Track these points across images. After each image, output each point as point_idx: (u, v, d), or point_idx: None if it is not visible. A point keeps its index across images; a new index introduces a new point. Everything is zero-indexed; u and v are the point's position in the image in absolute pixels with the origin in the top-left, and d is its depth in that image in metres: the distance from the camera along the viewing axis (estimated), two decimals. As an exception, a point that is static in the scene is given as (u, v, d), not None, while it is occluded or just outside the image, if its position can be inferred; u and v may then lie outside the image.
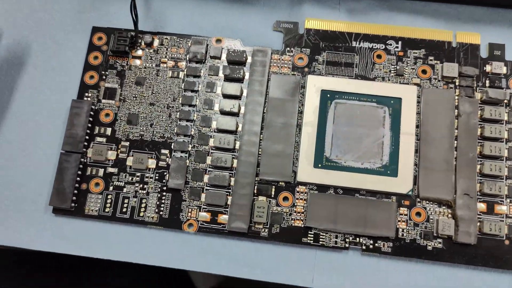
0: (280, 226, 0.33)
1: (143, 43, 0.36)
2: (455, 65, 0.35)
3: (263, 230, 0.33)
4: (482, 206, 0.33)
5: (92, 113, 0.35)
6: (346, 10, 0.38)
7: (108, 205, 0.33)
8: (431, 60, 0.35)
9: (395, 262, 0.33)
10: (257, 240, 0.33)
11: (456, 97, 0.34)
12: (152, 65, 0.36)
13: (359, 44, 0.36)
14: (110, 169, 0.34)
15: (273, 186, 0.33)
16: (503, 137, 0.34)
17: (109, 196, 0.34)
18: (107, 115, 0.35)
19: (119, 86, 0.36)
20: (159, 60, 0.36)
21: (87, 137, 0.35)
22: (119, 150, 0.34)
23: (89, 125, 0.35)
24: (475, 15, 0.37)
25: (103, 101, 0.36)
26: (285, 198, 0.33)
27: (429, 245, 0.32)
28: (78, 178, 0.34)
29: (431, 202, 0.33)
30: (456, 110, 0.34)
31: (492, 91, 0.34)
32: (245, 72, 0.36)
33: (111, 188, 0.34)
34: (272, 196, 0.33)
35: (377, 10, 0.37)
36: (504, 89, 0.35)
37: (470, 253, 0.32)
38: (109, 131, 0.35)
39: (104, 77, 0.36)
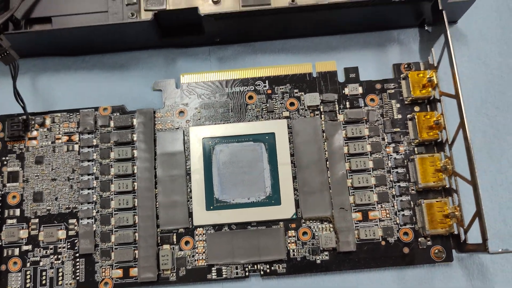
0: (186, 268, 0.36)
1: (36, 124, 0.39)
2: (316, 94, 0.39)
3: (171, 275, 0.36)
4: (357, 216, 0.37)
5: (-1, 198, 0.39)
6: (216, 60, 0.41)
7: (28, 280, 0.36)
8: (296, 92, 0.39)
9: (291, 280, 0.37)
10: (167, 285, 0.36)
11: (322, 122, 0.39)
12: (48, 143, 0.39)
13: (231, 89, 0.40)
14: (25, 247, 0.37)
15: (174, 234, 0.37)
16: (367, 151, 0.38)
17: (28, 272, 0.37)
18: (13, 197, 0.38)
19: (21, 168, 0.39)
20: (53, 137, 0.39)
21: (-2, 222, 0.38)
22: (30, 228, 0.37)
23: (-2, 210, 0.38)
24: (330, 44, 0.41)
25: (8, 184, 0.38)
26: (187, 242, 0.37)
27: (318, 259, 0.36)
28: (-4, 262, 0.37)
29: (314, 221, 0.37)
30: (323, 134, 0.38)
31: (351, 112, 0.38)
32: (133, 134, 0.39)
33: (28, 264, 0.37)
34: (175, 242, 0.37)
35: (243, 55, 0.41)
36: (362, 107, 0.39)
37: (353, 259, 0.36)
38: (18, 211, 0.38)
39: (5, 163, 0.39)
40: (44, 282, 0.36)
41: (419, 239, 0.36)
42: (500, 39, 0.41)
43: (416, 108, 0.39)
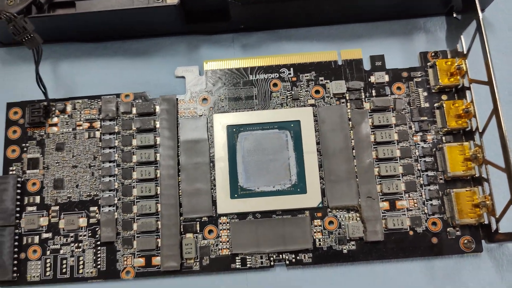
0: (209, 258, 0.36)
1: (57, 111, 0.39)
2: (342, 81, 0.38)
3: (194, 264, 0.36)
4: (385, 205, 0.36)
5: (19, 185, 0.37)
6: (239, 47, 0.41)
7: (48, 269, 0.36)
8: (321, 80, 0.39)
9: (317, 270, 0.36)
10: (191, 274, 0.36)
11: (348, 110, 0.38)
12: (69, 130, 0.38)
13: (255, 76, 0.39)
14: (45, 235, 0.36)
15: (197, 222, 0.36)
16: (394, 139, 0.37)
17: (48, 260, 0.36)
18: (33, 184, 0.37)
19: (41, 155, 0.38)
20: (74, 124, 0.39)
21: (18, 209, 0.37)
22: (50, 216, 0.37)
23: (18, 197, 0.37)
24: (355, 32, 0.41)
25: (28, 171, 0.38)
26: (210, 231, 0.36)
27: (344, 249, 0.36)
28: (15, 249, 0.36)
29: (340, 210, 0.36)
30: (349, 122, 0.38)
31: (378, 99, 0.38)
32: (156, 121, 0.38)
33: (48, 252, 0.36)
34: (198, 231, 0.36)
35: (267, 42, 0.41)
36: (389, 95, 0.38)
37: (381, 249, 0.36)
38: (38, 199, 0.37)
39: (25, 149, 0.38)
40: (64, 270, 0.36)
41: (448, 229, 0.35)
42: (527, 28, 0.41)
43: (444, 97, 0.38)
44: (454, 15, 0.39)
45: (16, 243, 0.36)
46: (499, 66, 0.40)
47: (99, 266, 0.36)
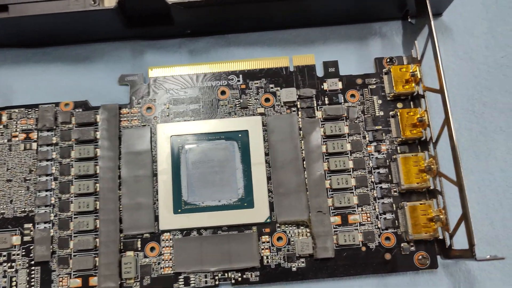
0: (151, 277, 0.33)
1: (-9, 121, 0.37)
2: (292, 89, 0.37)
3: (134, 284, 0.33)
4: (336, 219, 0.35)
5: None
6: (187, 52, 0.39)
7: (-23, 291, 0.34)
8: (272, 87, 0.37)
9: (265, 289, 0.35)
10: (130, 295, 0.34)
11: (299, 119, 0.36)
12: (4, 141, 0.36)
13: (202, 84, 0.37)
14: (-25, 254, 0.35)
15: (139, 239, 0.34)
16: (347, 150, 0.36)
17: (-22, 282, 0.34)
18: (-36, 200, 0.36)
19: (-27, 168, 0.37)
20: (10, 135, 0.36)
21: None
22: (-19, 233, 0.35)
23: None
24: (309, 37, 0.39)
25: (-41, 186, 0.36)
26: (152, 248, 0.34)
27: (293, 267, 0.34)
28: None
29: (290, 225, 0.34)
30: (300, 132, 0.36)
31: (330, 108, 0.36)
32: (96, 132, 0.36)
33: (-22, 273, 0.35)
34: (139, 249, 0.34)
35: (216, 47, 0.39)
36: (342, 103, 0.37)
37: (331, 266, 0.34)
38: (-32, 215, 0.36)
39: (-44, 162, 0.37)
40: (-5, 292, 0.35)
41: (402, 245, 0.34)
42: (486, 32, 0.39)
43: (399, 105, 0.36)
44: (409, 19, 0.38)
45: None
46: (457, 71, 0.39)
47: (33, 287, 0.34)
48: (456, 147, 0.31)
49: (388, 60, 0.37)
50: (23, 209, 0.35)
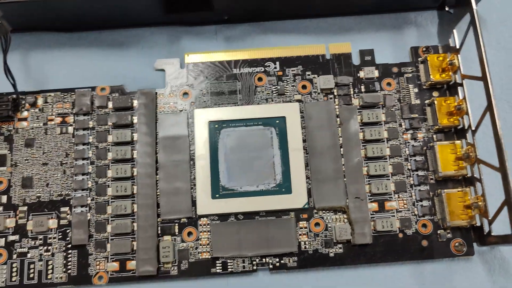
0: (188, 262, 0.34)
1: (27, 104, 0.36)
2: (330, 76, 0.37)
3: (172, 268, 0.33)
4: (373, 206, 0.35)
5: (-16, 183, 0.35)
6: (223, 39, 0.39)
7: (14, 274, 0.33)
8: (308, 75, 0.37)
9: (302, 274, 0.34)
10: (168, 280, 0.33)
11: (336, 107, 0.37)
12: (39, 125, 0.36)
13: (239, 70, 0.37)
14: (11, 237, 0.34)
15: (176, 224, 0.34)
16: (383, 137, 0.36)
17: (14, 265, 0.33)
18: (0, 182, 0.35)
19: (9, 151, 0.35)
20: (46, 119, 0.36)
21: (-18, 209, 0.35)
22: (17, 217, 0.34)
23: (-17, 196, 0.35)
24: (344, 25, 0.39)
25: (-6, 169, 0.36)
26: (190, 233, 0.34)
27: (331, 252, 0.34)
28: (-21, 253, 0.34)
29: (327, 211, 0.35)
30: (337, 119, 0.36)
31: (367, 95, 0.36)
32: (133, 116, 0.36)
33: (14, 256, 0.33)
34: (176, 233, 0.34)
35: (252, 35, 0.39)
36: (378, 91, 0.37)
37: (369, 252, 0.34)
38: (4, 198, 0.35)
39: (-9, 145, 0.37)
40: (32, 275, 0.33)
41: (439, 232, 0.34)
42: (521, 23, 0.40)
43: (435, 93, 0.37)
44: (447, 8, 0.38)
45: (-21, 246, 0.34)
46: (491, 61, 0.38)
47: (69, 271, 0.33)
48: (500, 133, 0.31)
49: (424, 49, 0.38)
50: (60, 193, 0.35)
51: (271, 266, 0.34)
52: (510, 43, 0.39)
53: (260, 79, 0.37)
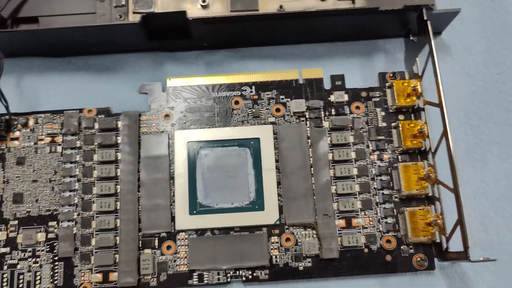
0: (167, 273, 0.36)
1: (19, 125, 0.39)
2: (302, 100, 0.39)
3: (152, 280, 0.36)
4: (341, 222, 0.37)
5: (-22, 199, 0.38)
6: (203, 64, 0.41)
7: (4, 284, 0.36)
8: (282, 98, 0.39)
9: (274, 286, 0.36)
10: (148, 291, 0.37)
11: (307, 129, 0.39)
12: (30, 144, 0.38)
13: (217, 94, 0.40)
14: (2, 249, 0.36)
15: (156, 238, 0.37)
16: (351, 158, 0.38)
17: (5, 275, 0.36)
18: (-7, 198, 0.38)
19: (1, 169, 0.38)
20: (36, 138, 0.39)
21: (-24, 223, 0.37)
22: (8, 230, 0.37)
23: (-24, 211, 0.38)
24: (317, 52, 0.42)
25: (-12, 185, 0.38)
26: (169, 247, 0.36)
27: (300, 266, 0.36)
28: (-28, 264, 0.37)
29: (297, 227, 0.37)
30: (308, 141, 0.39)
31: (336, 118, 0.39)
32: (118, 137, 0.38)
33: (5, 267, 0.36)
34: (156, 247, 0.36)
35: (230, 60, 0.41)
36: (348, 114, 0.39)
37: (336, 266, 0.36)
38: (-4, 213, 0.38)
39: (-15, 163, 0.39)
40: (21, 285, 0.35)
41: (402, 247, 0.36)
42: (484, 50, 0.42)
43: (401, 117, 0.39)
44: (411, 37, 0.40)
45: (-27, 258, 0.37)
46: (455, 87, 0.41)
47: (56, 282, 0.36)
48: (453, 157, 0.34)
49: (391, 75, 0.40)
50: (48, 208, 0.37)
51: (244, 279, 0.36)
52: (473, 69, 0.42)
53: (236, 102, 0.40)
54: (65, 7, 0.39)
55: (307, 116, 0.39)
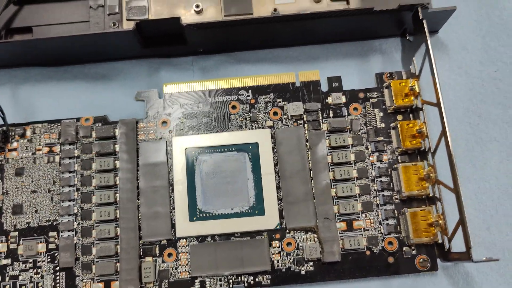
0: (169, 281, 0.36)
1: (16, 135, 0.39)
2: (299, 103, 0.39)
3: (153, 288, 0.37)
4: (342, 225, 0.37)
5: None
6: (199, 69, 0.41)
7: (6, 295, 0.36)
8: (279, 102, 0.39)
9: (276, 291, 0.37)
10: (150, 299, 0.37)
11: (305, 132, 0.39)
12: (28, 155, 0.38)
13: (214, 99, 0.40)
14: (4, 261, 0.36)
15: (157, 246, 0.37)
16: (351, 160, 0.38)
17: (7, 287, 0.36)
18: (-8, 210, 0.38)
19: (0, 180, 0.38)
20: (34, 149, 0.39)
21: (-24, 236, 0.37)
22: (9, 241, 0.37)
23: (-24, 223, 0.38)
24: (313, 54, 0.42)
25: (-13, 197, 0.38)
26: (170, 254, 0.36)
27: (302, 270, 0.36)
28: (-27, 277, 0.37)
29: (298, 231, 0.37)
30: (307, 144, 0.38)
31: (334, 120, 0.39)
32: (115, 145, 0.38)
33: (7, 279, 0.36)
34: (157, 254, 0.36)
35: (226, 65, 0.41)
36: (346, 116, 0.39)
37: (338, 269, 0.36)
38: (-4, 225, 0.38)
39: (-16, 175, 0.39)
40: (22, 297, 0.37)
41: (404, 248, 0.36)
42: (480, 48, 0.42)
43: (399, 117, 0.39)
44: (407, 37, 0.40)
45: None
46: (453, 85, 0.41)
47: (57, 292, 0.37)
48: (453, 156, 0.34)
49: (388, 75, 0.40)
50: (48, 218, 0.37)
51: (246, 284, 0.36)
52: (470, 67, 0.41)
53: (234, 107, 0.39)
54: (59, 16, 0.39)
55: (305, 119, 0.39)
